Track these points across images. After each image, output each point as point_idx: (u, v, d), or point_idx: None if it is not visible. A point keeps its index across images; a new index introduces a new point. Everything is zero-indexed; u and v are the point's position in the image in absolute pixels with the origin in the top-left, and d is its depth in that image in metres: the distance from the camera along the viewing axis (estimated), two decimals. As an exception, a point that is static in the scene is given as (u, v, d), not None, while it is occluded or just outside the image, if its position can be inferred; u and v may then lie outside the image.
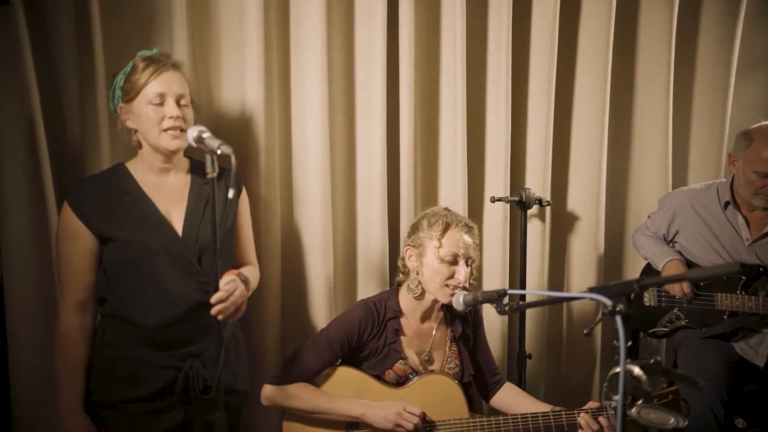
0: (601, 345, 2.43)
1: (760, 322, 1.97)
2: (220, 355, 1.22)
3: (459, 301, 1.41)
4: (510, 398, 1.69)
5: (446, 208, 1.64)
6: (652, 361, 0.96)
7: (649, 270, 2.27)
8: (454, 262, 1.52)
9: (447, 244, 1.53)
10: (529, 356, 2.16)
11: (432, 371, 1.58)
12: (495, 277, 2.24)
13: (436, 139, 2.16)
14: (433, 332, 1.63)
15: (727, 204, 2.02)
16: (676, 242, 2.21)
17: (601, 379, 2.44)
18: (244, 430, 1.66)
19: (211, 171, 1.18)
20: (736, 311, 1.96)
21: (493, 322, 2.26)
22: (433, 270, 1.53)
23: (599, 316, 0.99)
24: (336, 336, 1.54)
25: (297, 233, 1.96)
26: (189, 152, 1.52)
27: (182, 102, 1.38)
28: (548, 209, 2.28)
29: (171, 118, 1.34)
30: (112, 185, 1.40)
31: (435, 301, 1.60)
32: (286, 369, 1.53)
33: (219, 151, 1.16)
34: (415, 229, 1.61)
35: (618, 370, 0.93)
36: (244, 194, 1.63)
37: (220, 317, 1.25)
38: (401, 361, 1.55)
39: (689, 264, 2.09)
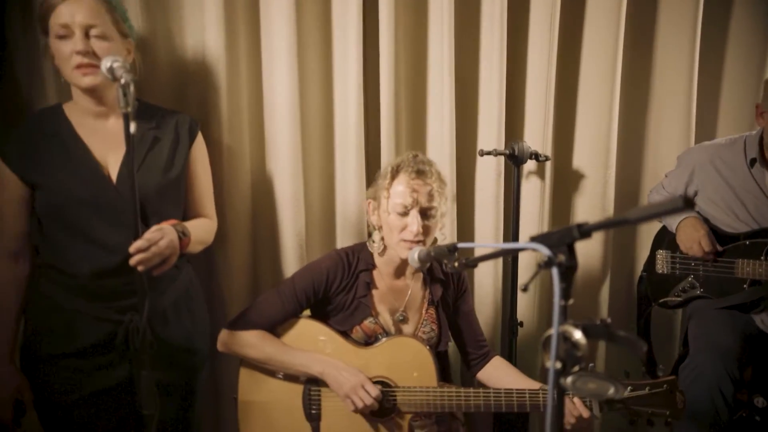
0: (608, 315, 2.23)
1: (786, 293, 1.73)
2: (144, 308, 1.13)
3: (414, 257, 1.26)
4: (497, 374, 1.54)
5: (414, 154, 1.45)
6: (598, 322, 0.79)
7: (661, 236, 2.05)
8: (404, 213, 1.36)
9: (394, 194, 1.37)
10: (521, 324, 1.99)
11: (403, 334, 1.45)
12: (488, 239, 2.07)
13: (422, 86, 1.97)
14: (409, 291, 1.48)
15: (753, 161, 1.76)
16: (695, 204, 1.97)
17: (601, 349, 2.25)
18: (204, 391, 1.60)
19: (124, 105, 1.06)
20: (759, 280, 1.72)
21: (485, 287, 2.10)
22: (387, 224, 1.39)
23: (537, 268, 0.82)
24: (301, 285, 1.42)
25: (269, 186, 1.84)
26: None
27: (93, 33, 1.24)
28: (549, 166, 2.07)
29: (77, 53, 1.22)
30: (43, 127, 1.31)
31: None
32: (244, 315, 1.43)
33: (122, 80, 1.04)
34: (376, 178, 1.46)
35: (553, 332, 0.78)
36: (200, 142, 1.51)
37: (140, 268, 1.16)
38: (371, 318, 1.42)
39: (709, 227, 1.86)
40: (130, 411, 1.28)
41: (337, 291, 1.43)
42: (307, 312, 1.50)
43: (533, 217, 2.08)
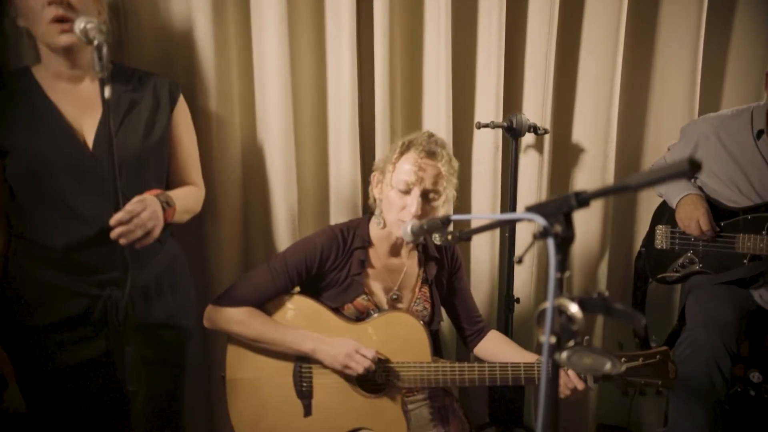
0: (604, 288, 2.20)
1: (786, 268, 1.70)
2: (126, 284, 1.10)
3: (407, 231, 1.21)
4: (494, 348, 1.51)
5: (429, 134, 1.40)
6: (595, 295, 0.76)
7: (661, 211, 2.01)
8: (406, 191, 1.31)
9: (399, 170, 1.32)
10: (517, 300, 1.97)
11: (396, 309, 1.41)
12: (485, 213, 2.03)
13: (418, 56, 1.91)
14: (404, 269, 1.45)
15: (760, 133, 1.71)
16: (696, 178, 1.93)
17: (602, 330, 2.23)
18: (195, 369, 1.58)
19: (99, 69, 1.00)
20: (759, 255, 1.69)
21: (481, 263, 2.07)
22: (387, 199, 1.34)
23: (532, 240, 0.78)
24: (293, 261, 1.38)
25: (260, 157, 1.79)
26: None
27: None
28: (548, 139, 2.02)
29: (51, 3, 1.14)
30: (10, 91, 1.24)
31: None
32: (233, 291, 1.38)
33: (96, 42, 0.98)
34: (389, 151, 1.41)
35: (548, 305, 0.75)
36: (182, 105, 1.44)
37: (122, 241, 1.11)
38: (364, 296, 1.39)
39: (709, 202, 1.82)
40: (112, 385, 1.25)
41: (331, 268, 1.39)
42: (297, 288, 1.46)
43: (531, 191, 2.04)
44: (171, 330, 1.42)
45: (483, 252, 2.05)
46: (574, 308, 0.74)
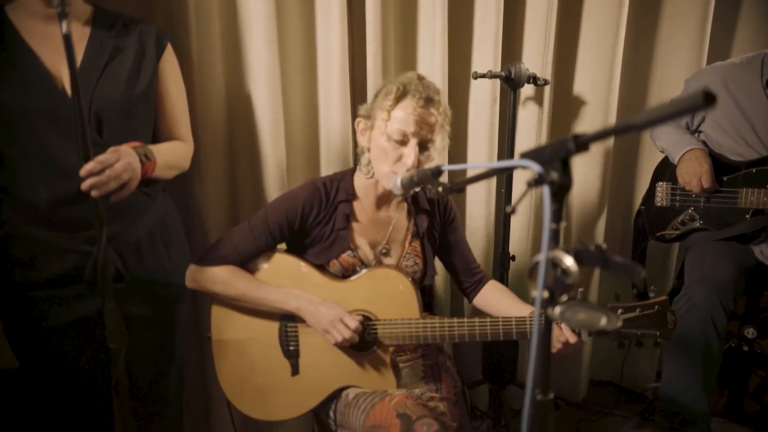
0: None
1: (788, 223, 1.65)
2: (101, 238, 1.05)
3: (396, 183, 1.16)
4: (493, 299, 1.46)
5: (419, 76, 1.30)
6: (592, 248, 0.71)
7: (662, 168, 1.95)
8: (403, 141, 1.23)
9: (396, 118, 1.23)
10: (513, 257, 1.93)
11: (383, 265, 1.37)
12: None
13: (412, 1, 1.79)
14: (392, 222, 1.39)
15: (771, 81, 1.63)
16: (700, 131, 1.86)
17: (598, 280, 2.21)
18: (187, 329, 1.55)
19: (58, 3, 0.92)
20: (762, 209, 1.64)
21: (476, 219, 2.03)
22: (379, 149, 1.26)
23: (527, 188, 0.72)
24: (274, 218, 1.32)
25: (246, 111, 1.71)
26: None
27: None
28: (548, 91, 1.93)
29: None
30: None
31: None
32: (214, 249, 1.33)
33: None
34: (374, 96, 1.32)
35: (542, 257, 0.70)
36: (170, 55, 1.36)
37: (94, 193, 1.06)
38: (349, 252, 1.33)
39: (713, 156, 1.76)
40: (103, 344, 1.22)
41: (314, 223, 1.33)
42: (283, 245, 1.42)
43: (529, 146, 1.97)
44: (166, 287, 1.38)
45: (478, 208, 2.00)
46: (569, 261, 0.69)
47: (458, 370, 2.11)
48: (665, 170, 1.92)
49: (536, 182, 0.70)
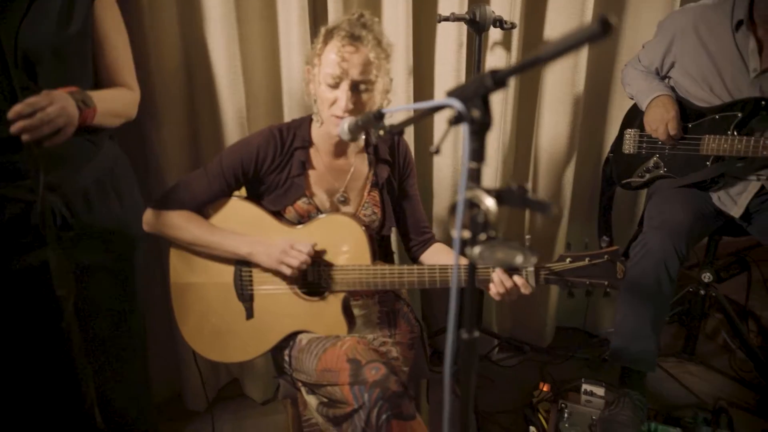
0: (571, 197, 2.18)
1: (746, 168, 1.65)
2: (39, 185, 1.02)
3: (344, 129, 1.13)
4: (437, 257, 1.46)
5: (359, 14, 1.25)
6: (515, 187, 0.71)
7: (632, 115, 1.92)
8: (335, 85, 1.21)
9: (325, 62, 1.20)
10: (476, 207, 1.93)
11: (336, 212, 1.36)
12: (445, 115, 1.93)
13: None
14: (351, 170, 1.38)
15: (739, 23, 1.59)
16: (670, 77, 1.83)
17: (567, 236, 2.23)
18: (151, 275, 1.55)
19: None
20: (723, 156, 1.64)
21: (444, 170, 2.01)
22: (319, 95, 1.24)
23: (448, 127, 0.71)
24: (229, 163, 1.30)
25: (203, 56, 1.65)
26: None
27: None
28: (517, 35, 1.88)
29: None
30: None
31: None
32: (170, 194, 1.33)
33: None
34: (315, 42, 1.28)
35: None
36: None
37: (25, 137, 1.02)
38: (305, 198, 1.32)
39: (680, 103, 1.74)
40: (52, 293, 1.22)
41: (270, 170, 1.32)
42: (243, 192, 1.40)
43: (498, 93, 1.92)
44: (120, 236, 1.37)
45: (445, 158, 1.98)
46: (489, 201, 0.69)
47: (424, 317, 2.15)
48: (635, 118, 1.91)
49: (456, 120, 0.69)
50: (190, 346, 1.34)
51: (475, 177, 0.69)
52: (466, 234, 0.70)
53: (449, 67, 1.86)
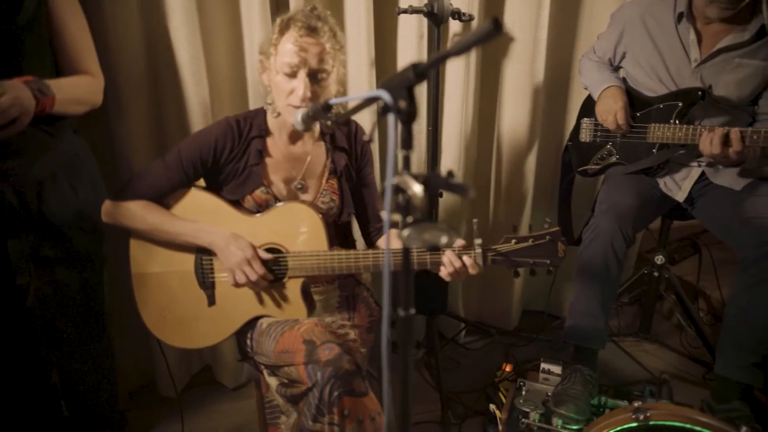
0: (534, 184, 2.25)
1: (688, 155, 1.74)
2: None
3: (297, 119, 1.17)
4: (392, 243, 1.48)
5: (312, 7, 1.29)
6: (444, 173, 0.76)
7: (588, 104, 1.99)
8: (292, 74, 1.25)
9: (282, 52, 1.24)
10: (441, 194, 2.00)
11: (293, 200, 1.39)
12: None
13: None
14: (308, 158, 1.41)
15: (681, 16, 1.67)
16: (621, 67, 1.90)
17: (531, 221, 2.30)
18: (108, 267, 1.57)
19: None
20: (667, 143, 1.72)
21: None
22: (275, 85, 1.28)
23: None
24: (187, 154, 1.33)
25: (166, 48, 1.67)
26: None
27: None
28: (476, 27, 1.93)
29: None
30: None
31: None
32: (129, 185, 1.35)
33: None
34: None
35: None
36: None
37: None
38: (263, 188, 1.36)
39: (629, 93, 1.81)
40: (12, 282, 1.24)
41: (228, 159, 1.35)
42: (202, 182, 1.44)
43: (457, 82, 1.98)
44: (82, 227, 1.39)
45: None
46: (416, 187, 0.74)
47: (377, 301, 2.19)
48: (591, 108, 1.98)
49: (383, 111, 0.74)
50: (153, 334, 1.38)
51: (406, 164, 0.74)
52: (397, 217, 0.76)
53: (411, 58, 1.90)
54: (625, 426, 1.22)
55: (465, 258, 1.27)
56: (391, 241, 1.50)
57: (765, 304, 1.51)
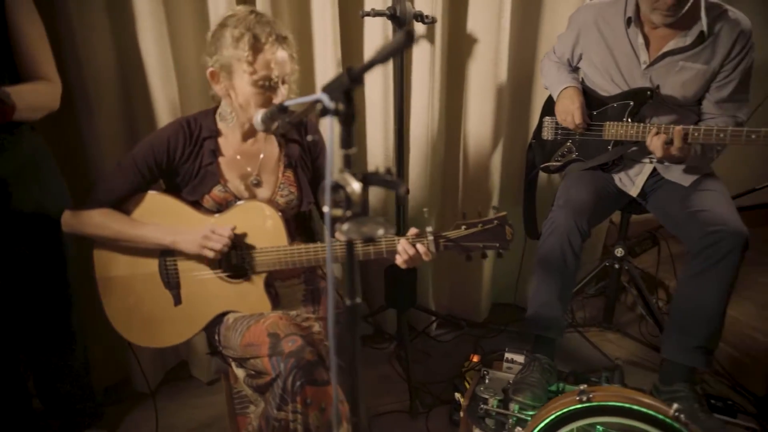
0: (500, 181, 2.33)
1: (640, 152, 1.83)
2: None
3: (257, 121, 1.23)
4: None
5: (252, 10, 1.34)
6: (382, 170, 0.82)
7: (549, 103, 2.07)
8: (269, 86, 1.31)
9: (261, 68, 1.29)
10: (407, 191, 2.06)
11: (253, 199, 1.44)
12: (376, 106, 2.05)
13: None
14: (261, 154, 1.46)
15: (629, 20, 1.75)
16: (579, 68, 1.98)
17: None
18: (75, 265, 1.61)
19: None
20: (621, 140, 1.81)
21: (376, 156, 2.12)
22: (247, 96, 1.32)
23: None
24: (142, 157, 1.37)
25: (135, 50, 1.71)
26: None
27: None
28: (440, 29, 1.99)
29: None
30: None
31: None
32: (88, 194, 1.39)
33: None
34: (216, 41, 1.33)
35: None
36: None
37: None
38: (220, 186, 1.40)
39: (586, 93, 1.89)
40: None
41: (182, 160, 1.40)
42: (163, 186, 1.48)
43: (424, 82, 2.04)
44: (44, 225, 1.42)
45: (377, 145, 2.10)
46: (354, 184, 0.80)
47: (363, 296, 2.23)
48: (553, 106, 2.05)
49: (322, 113, 0.80)
50: (122, 336, 1.42)
51: (347, 162, 0.80)
52: (338, 212, 0.82)
53: (376, 60, 1.96)
54: (571, 408, 1.29)
55: (418, 245, 1.33)
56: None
57: (707, 291, 1.60)
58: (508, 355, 1.88)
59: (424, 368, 2.21)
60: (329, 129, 0.79)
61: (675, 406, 1.19)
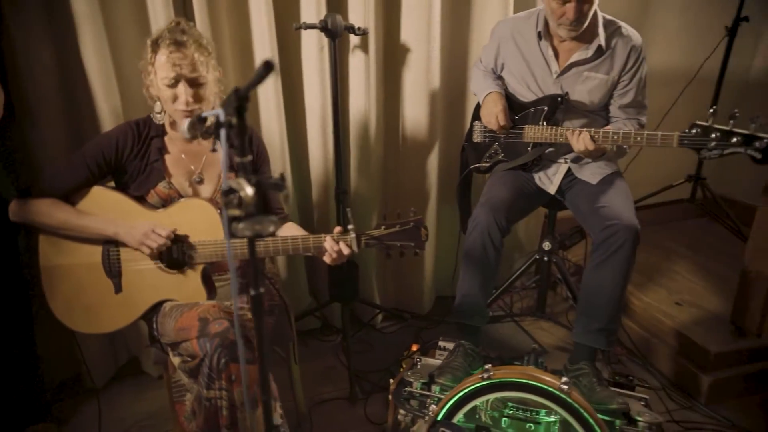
0: (438, 181, 2.47)
1: (556, 152, 1.99)
2: None
3: (183, 129, 1.33)
4: (285, 231, 1.65)
5: (177, 22, 1.48)
6: (276, 176, 0.95)
7: (479, 108, 2.21)
8: (173, 84, 1.44)
9: (159, 68, 1.44)
10: (345, 191, 2.18)
11: (194, 196, 1.56)
12: (315, 112, 2.17)
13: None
14: (204, 154, 1.59)
15: (540, 35, 1.91)
16: (502, 77, 2.14)
17: (437, 216, 2.52)
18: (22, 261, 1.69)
19: None
20: (539, 142, 1.97)
21: (317, 159, 2.24)
22: (161, 96, 1.48)
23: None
24: (91, 153, 1.50)
25: (75, 59, 1.79)
26: None
27: None
28: (374, 40, 2.12)
29: None
30: None
31: None
32: (35, 184, 1.49)
33: None
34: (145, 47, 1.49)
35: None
36: None
37: None
38: (164, 183, 1.52)
39: (509, 99, 2.05)
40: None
41: (129, 158, 1.51)
42: (112, 184, 1.58)
43: (360, 91, 2.17)
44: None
45: (318, 149, 2.23)
46: (248, 189, 0.92)
47: (311, 292, 2.35)
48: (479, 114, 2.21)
49: (216, 127, 0.92)
50: (61, 321, 1.51)
51: (244, 169, 0.92)
52: (235, 212, 0.94)
53: (314, 68, 2.08)
54: (476, 384, 1.44)
55: (341, 243, 1.46)
56: (289, 231, 1.69)
57: (606, 279, 1.77)
58: (441, 343, 2.03)
59: (368, 358, 2.34)
60: (223, 140, 0.91)
61: (563, 379, 1.35)
